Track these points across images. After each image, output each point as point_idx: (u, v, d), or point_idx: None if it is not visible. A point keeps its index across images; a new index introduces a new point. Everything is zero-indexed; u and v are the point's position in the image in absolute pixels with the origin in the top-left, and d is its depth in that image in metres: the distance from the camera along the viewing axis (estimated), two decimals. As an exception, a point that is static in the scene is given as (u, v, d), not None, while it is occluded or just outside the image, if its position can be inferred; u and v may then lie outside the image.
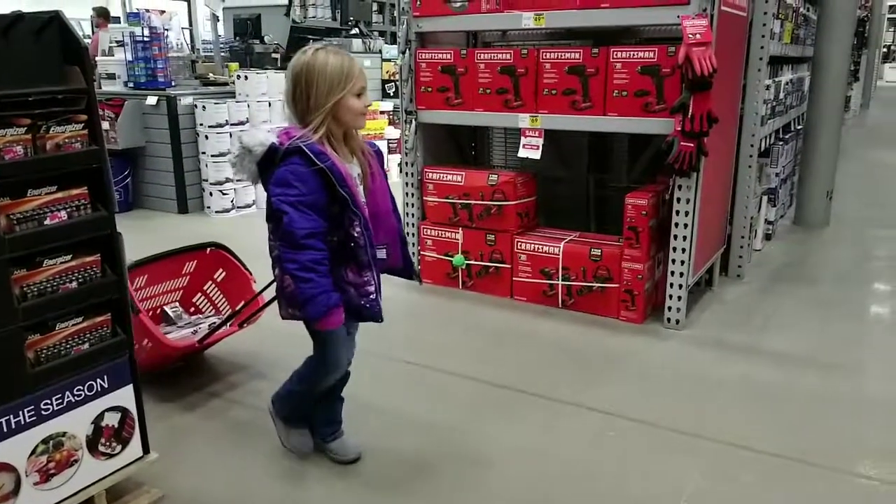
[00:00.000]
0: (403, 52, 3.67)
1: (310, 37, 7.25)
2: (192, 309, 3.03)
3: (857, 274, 4.15)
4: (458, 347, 3.14)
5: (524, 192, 3.65)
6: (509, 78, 3.41)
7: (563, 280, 3.49)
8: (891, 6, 25.23)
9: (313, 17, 8.14)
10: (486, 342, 3.20)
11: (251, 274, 2.89)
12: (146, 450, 2.00)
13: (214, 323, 2.81)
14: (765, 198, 4.58)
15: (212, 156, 5.45)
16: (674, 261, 3.25)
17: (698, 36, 2.86)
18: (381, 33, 8.65)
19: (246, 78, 5.66)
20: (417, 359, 2.99)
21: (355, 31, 8.21)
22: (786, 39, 4.50)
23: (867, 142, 10.15)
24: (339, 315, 1.86)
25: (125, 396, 1.92)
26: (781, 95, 4.66)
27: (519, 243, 3.58)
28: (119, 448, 1.93)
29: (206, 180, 5.53)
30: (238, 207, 5.64)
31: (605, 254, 3.38)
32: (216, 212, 5.55)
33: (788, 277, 4.10)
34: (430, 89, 3.66)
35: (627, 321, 3.37)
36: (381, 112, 6.58)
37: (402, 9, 3.68)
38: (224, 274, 2.95)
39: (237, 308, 2.69)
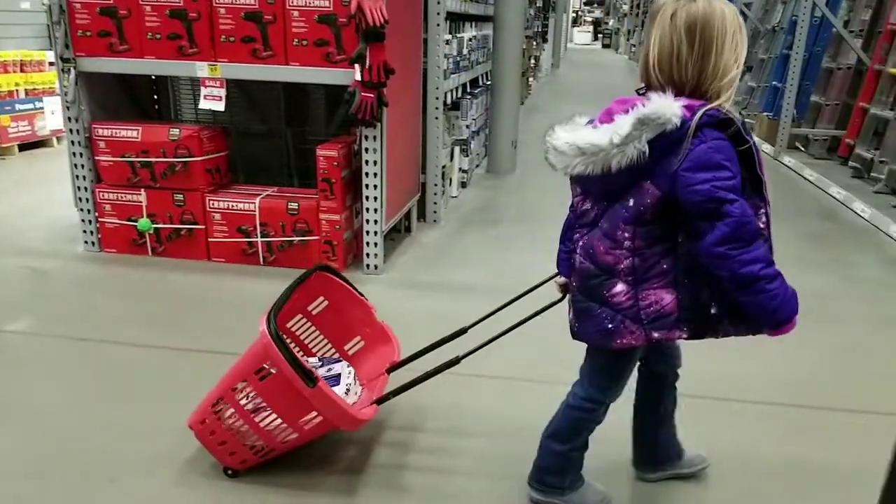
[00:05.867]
0: (50, -11, 3.18)
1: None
2: None
3: (534, 212, 4.70)
4: (142, 318, 2.88)
5: (212, 147, 3.44)
6: (181, 22, 3.14)
7: (262, 237, 3.39)
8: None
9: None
10: (178, 308, 2.99)
11: (366, 298, 2.25)
12: None
13: (329, 368, 2.13)
14: (457, 148, 4.93)
15: None
16: (367, 209, 3.34)
17: (368, -15, 2.91)
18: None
19: None
20: (93, 334, 2.69)
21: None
22: (465, -2, 4.81)
23: (555, 98, 11.52)
24: None
25: None
26: (465, 51, 5.00)
27: (211, 202, 3.38)
28: None
29: None
30: None
31: (303, 207, 3.35)
32: None
33: (479, 220, 4.48)
34: (89, 33, 3.23)
35: (328, 272, 3.40)
36: (51, 63, 5.69)
37: (45, -63, 3.17)
38: (325, 304, 2.23)
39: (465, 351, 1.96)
